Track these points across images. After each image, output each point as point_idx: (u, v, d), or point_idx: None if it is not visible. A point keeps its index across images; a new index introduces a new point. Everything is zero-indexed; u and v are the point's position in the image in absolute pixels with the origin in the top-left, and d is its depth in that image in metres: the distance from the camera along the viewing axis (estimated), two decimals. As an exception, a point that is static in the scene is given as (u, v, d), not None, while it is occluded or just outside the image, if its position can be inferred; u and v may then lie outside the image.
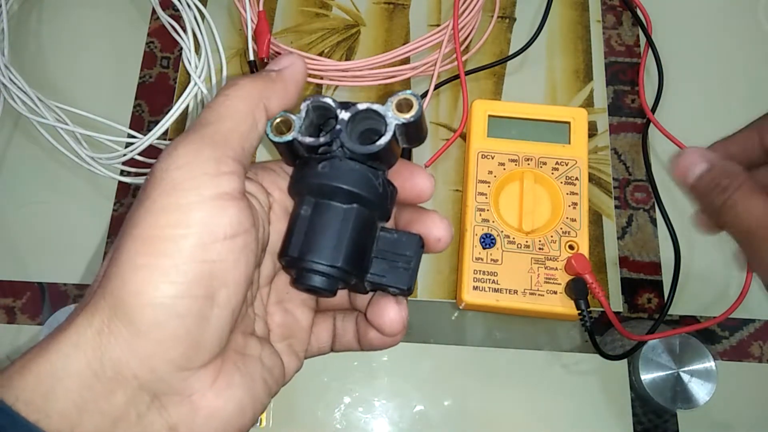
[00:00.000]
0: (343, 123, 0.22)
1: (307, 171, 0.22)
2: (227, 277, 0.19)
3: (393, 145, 0.22)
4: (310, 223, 0.22)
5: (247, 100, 0.21)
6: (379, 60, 0.48)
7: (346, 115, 0.22)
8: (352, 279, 0.22)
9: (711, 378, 0.38)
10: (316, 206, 0.22)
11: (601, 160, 0.47)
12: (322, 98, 0.23)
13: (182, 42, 0.48)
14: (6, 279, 0.45)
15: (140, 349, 0.18)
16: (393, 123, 0.22)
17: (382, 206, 0.23)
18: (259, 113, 0.21)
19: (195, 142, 0.20)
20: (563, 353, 0.42)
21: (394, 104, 0.22)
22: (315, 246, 0.21)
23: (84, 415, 0.17)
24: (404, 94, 0.22)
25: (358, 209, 0.22)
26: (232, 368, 0.21)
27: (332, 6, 0.52)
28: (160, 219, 0.18)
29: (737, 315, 0.42)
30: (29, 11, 0.53)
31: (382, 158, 0.22)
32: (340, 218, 0.22)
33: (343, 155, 0.22)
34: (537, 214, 0.41)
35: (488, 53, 0.50)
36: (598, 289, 0.38)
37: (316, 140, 0.22)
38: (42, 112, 0.46)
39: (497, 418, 0.41)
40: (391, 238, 0.23)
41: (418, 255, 0.23)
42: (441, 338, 0.43)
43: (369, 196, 0.22)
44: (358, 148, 0.22)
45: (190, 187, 0.19)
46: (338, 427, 0.40)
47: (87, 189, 0.47)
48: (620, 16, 0.52)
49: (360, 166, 0.22)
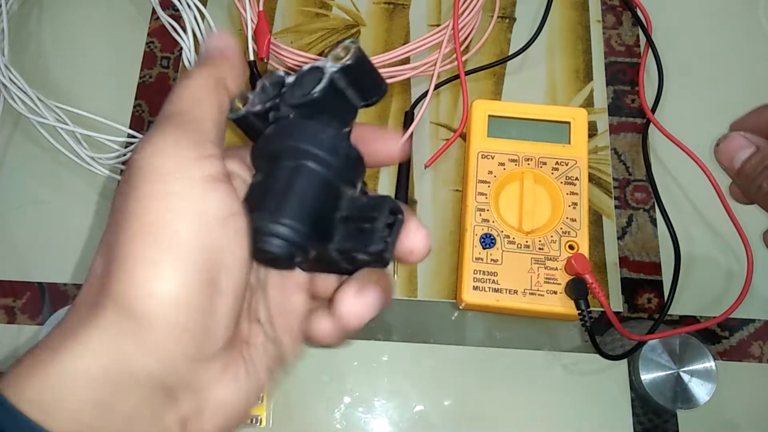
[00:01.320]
0: (289, 86, 0.22)
1: (258, 137, 0.22)
2: (227, 261, 0.19)
3: (335, 94, 0.21)
4: (260, 185, 0.21)
5: (207, 85, 0.21)
6: (379, 60, 0.48)
7: (291, 78, 0.22)
8: (309, 244, 0.20)
9: (711, 378, 0.38)
10: (266, 171, 0.21)
11: (601, 160, 0.47)
12: (276, 72, 0.22)
13: (182, 42, 0.48)
14: (6, 279, 0.45)
15: (152, 345, 0.18)
16: (330, 70, 0.21)
17: (339, 165, 0.21)
18: (222, 94, 0.21)
19: (170, 130, 0.19)
20: (563, 353, 0.42)
21: (332, 55, 0.21)
22: (262, 205, 0.20)
23: (101, 415, 0.17)
24: (342, 43, 0.21)
25: (308, 166, 0.20)
26: (238, 359, 0.21)
27: (332, 6, 0.52)
28: (150, 207, 0.18)
29: (737, 315, 0.42)
30: (29, 11, 0.53)
31: (327, 108, 0.21)
32: (287, 176, 0.20)
33: (289, 115, 0.21)
34: (537, 214, 0.41)
35: (488, 53, 0.50)
36: (598, 289, 0.38)
37: (263, 106, 0.22)
38: (42, 112, 0.46)
39: (497, 418, 0.41)
40: (360, 203, 0.21)
41: (388, 216, 0.21)
42: (441, 338, 0.43)
43: (318, 151, 0.20)
44: (297, 100, 0.21)
45: (176, 171, 0.18)
46: (338, 427, 0.40)
47: (87, 189, 0.47)
48: (620, 16, 0.52)
49: (307, 122, 0.21)
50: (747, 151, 0.26)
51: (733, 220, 0.40)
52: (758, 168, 0.25)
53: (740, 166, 0.26)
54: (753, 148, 0.26)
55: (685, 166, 0.43)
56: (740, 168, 0.26)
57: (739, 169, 0.26)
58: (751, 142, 0.26)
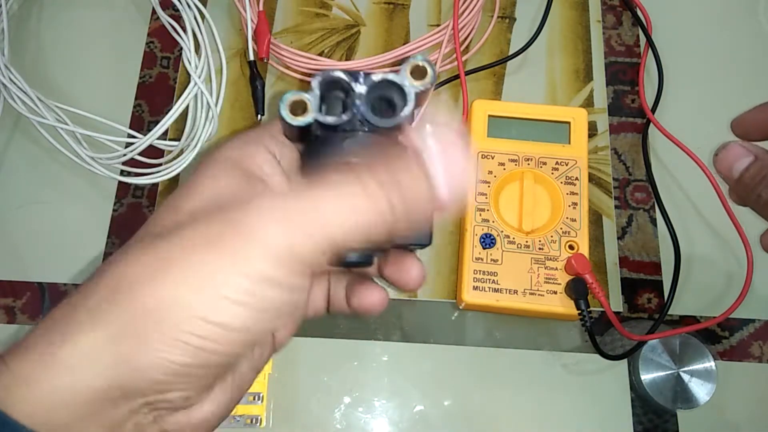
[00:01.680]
0: (361, 97, 0.21)
1: (330, 150, 0.21)
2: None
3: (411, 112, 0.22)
4: None
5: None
6: (379, 60, 0.48)
7: (363, 88, 0.21)
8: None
9: (711, 378, 0.38)
10: None
11: (601, 160, 0.47)
12: (332, 72, 0.22)
13: (182, 42, 0.48)
14: (6, 279, 0.45)
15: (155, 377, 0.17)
16: (412, 92, 0.21)
17: None
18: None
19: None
20: (563, 353, 0.42)
21: (409, 72, 0.21)
22: None
23: (83, 426, 0.17)
24: (416, 60, 0.21)
25: None
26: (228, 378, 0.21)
27: (332, 6, 0.52)
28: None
29: (737, 315, 0.42)
30: (29, 11, 0.53)
31: (402, 126, 0.22)
32: None
33: (362, 128, 0.21)
34: (537, 214, 0.41)
35: (488, 53, 0.50)
36: (598, 289, 0.38)
37: (339, 119, 0.21)
38: (42, 112, 0.46)
39: (497, 418, 0.41)
40: None
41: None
42: (441, 338, 0.43)
43: None
44: (382, 122, 0.21)
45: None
46: (338, 427, 0.40)
47: (87, 189, 0.47)
48: (620, 16, 0.52)
49: (382, 137, 0.21)
50: (745, 161, 0.26)
51: (733, 220, 0.40)
52: (757, 177, 0.25)
53: (739, 176, 0.26)
54: (751, 158, 0.26)
55: (685, 166, 0.43)
56: (739, 177, 0.26)
57: (738, 178, 0.26)
58: (750, 151, 0.26)
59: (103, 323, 0.17)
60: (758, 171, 0.25)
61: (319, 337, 0.43)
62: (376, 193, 0.17)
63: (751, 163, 0.25)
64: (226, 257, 0.17)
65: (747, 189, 0.26)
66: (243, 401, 0.40)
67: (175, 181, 0.47)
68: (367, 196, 0.17)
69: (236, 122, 0.48)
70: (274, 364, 0.41)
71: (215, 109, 0.46)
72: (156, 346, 0.17)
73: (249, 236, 0.17)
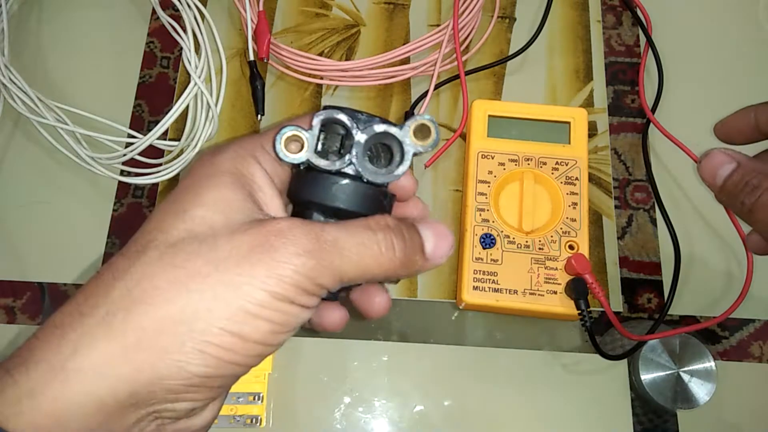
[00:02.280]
0: (359, 146, 0.21)
1: (316, 188, 0.21)
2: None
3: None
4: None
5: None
6: (379, 60, 0.48)
7: (362, 137, 0.21)
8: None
9: (711, 378, 0.38)
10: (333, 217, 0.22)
11: (601, 160, 0.47)
12: (336, 114, 0.21)
13: (182, 42, 0.48)
14: (6, 279, 0.45)
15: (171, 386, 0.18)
16: (411, 152, 0.21)
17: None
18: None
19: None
20: (563, 353, 0.42)
21: (412, 130, 0.21)
22: None
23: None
24: (422, 119, 0.21)
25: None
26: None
27: (332, 6, 0.52)
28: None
29: (737, 315, 0.42)
30: (29, 11, 0.53)
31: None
32: None
33: (353, 175, 0.21)
34: (537, 214, 0.41)
35: (488, 53, 0.50)
36: (598, 289, 0.38)
37: (331, 164, 0.21)
38: (42, 112, 0.46)
39: (497, 418, 0.41)
40: None
41: None
42: (441, 338, 0.43)
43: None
44: (375, 177, 0.21)
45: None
46: (338, 427, 0.40)
47: (87, 189, 0.47)
48: (620, 16, 0.52)
49: (372, 190, 0.21)
50: (728, 168, 0.26)
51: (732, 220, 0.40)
52: (739, 184, 0.25)
53: (722, 183, 0.26)
54: (734, 164, 0.26)
55: (685, 166, 0.43)
56: (722, 184, 0.26)
57: (722, 186, 0.26)
58: (732, 158, 0.26)
59: (120, 334, 0.17)
60: (741, 178, 0.25)
61: (319, 337, 0.43)
62: (389, 251, 0.20)
63: (734, 170, 0.26)
64: (255, 273, 0.18)
65: (730, 196, 0.26)
66: (243, 401, 0.40)
67: (175, 180, 0.47)
68: (381, 254, 0.20)
69: (236, 122, 0.48)
70: (274, 364, 0.41)
71: (215, 109, 0.46)
72: (176, 356, 0.17)
73: (279, 261, 0.18)
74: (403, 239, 0.20)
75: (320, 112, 0.22)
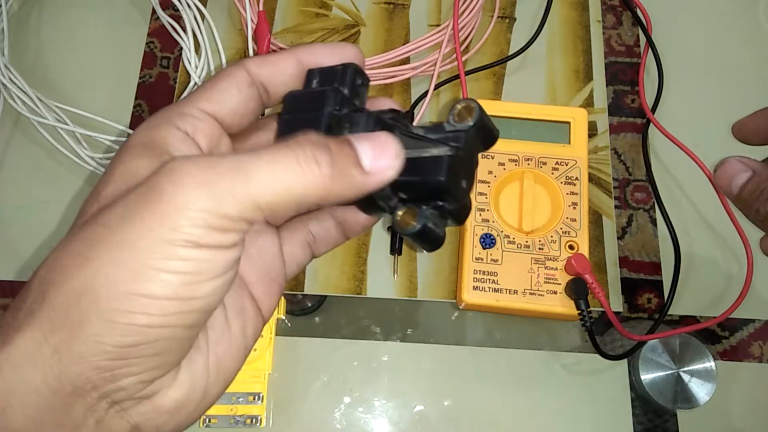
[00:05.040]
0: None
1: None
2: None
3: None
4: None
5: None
6: (379, 60, 0.48)
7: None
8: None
9: (711, 378, 0.38)
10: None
11: (601, 160, 0.47)
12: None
13: (182, 42, 0.48)
14: (6, 279, 0.45)
15: (97, 364, 0.17)
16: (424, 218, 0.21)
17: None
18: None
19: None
20: (563, 353, 0.42)
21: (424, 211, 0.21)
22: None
23: (41, 429, 0.17)
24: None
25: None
26: (194, 354, 0.19)
27: (332, 6, 0.52)
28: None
29: (737, 315, 0.42)
30: (29, 11, 0.53)
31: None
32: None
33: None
34: (537, 214, 0.41)
35: (488, 53, 0.50)
36: (598, 289, 0.38)
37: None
38: (42, 112, 0.46)
39: (497, 418, 0.41)
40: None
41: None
42: (441, 338, 0.43)
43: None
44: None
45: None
46: (338, 427, 0.40)
47: (87, 189, 0.47)
48: (620, 16, 0.52)
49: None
50: (743, 176, 0.26)
51: (733, 220, 0.40)
52: (755, 192, 0.25)
53: (738, 191, 0.26)
54: (749, 173, 0.26)
55: (685, 166, 0.43)
56: (738, 192, 0.26)
57: (737, 194, 0.26)
58: (747, 166, 0.26)
59: (38, 319, 0.17)
60: (756, 186, 0.25)
61: (319, 337, 0.43)
62: (311, 166, 0.18)
63: (749, 179, 0.26)
64: (149, 228, 0.16)
65: (746, 204, 0.26)
66: (243, 401, 0.40)
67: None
68: (301, 170, 0.18)
69: (236, 122, 0.48)
70: (274, 364, 0.41)
71: (215, 109, 0.46)
72: (90, 331, 0.16)
73: (170, 203, 0.17)
74: (328, 152, 0.18)
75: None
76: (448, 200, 0.21)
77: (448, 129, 0.21)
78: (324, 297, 0.44)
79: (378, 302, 0.43)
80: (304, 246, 0.24)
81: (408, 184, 0.20)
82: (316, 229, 0.24)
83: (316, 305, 0.44)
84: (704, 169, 0.42)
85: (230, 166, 0.17)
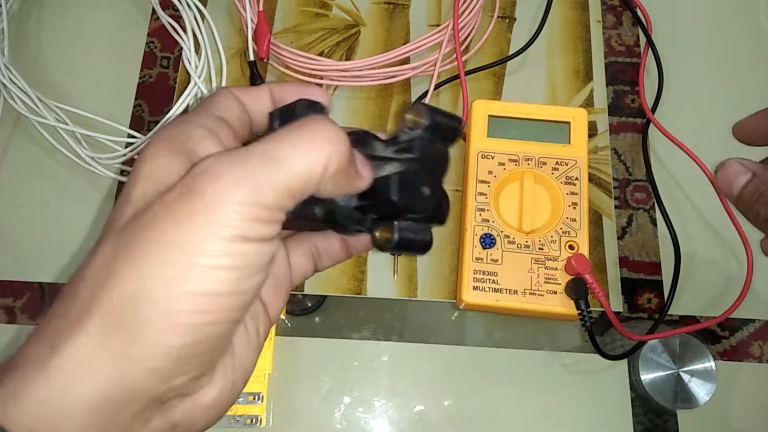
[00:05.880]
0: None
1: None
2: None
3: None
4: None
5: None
6: (379, 60, 0.48)
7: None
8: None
9: (711, 378, 0.38)
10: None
11: (601, 160, 0.47)
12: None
13: (182, 42, 0.48)
14: (6, 279, 0.45)
15: (156, 366, 0.17)
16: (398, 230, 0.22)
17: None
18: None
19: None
20: (563, 353, 0.42)
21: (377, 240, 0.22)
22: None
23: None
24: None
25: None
26: (227, 355, 0.20)
27: (332, 6, 0.52)
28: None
29: (737, 315, 0.42)
30: (29, 11, 0.53)
31: None
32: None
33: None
34: (537, 214, 0.41)
35: (488, 53, 0.50)
36: (598, 289, 0.38)
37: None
38: (42, 112, 0.46)
39: (497, 418, 0.41)
40: None
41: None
42: (441, 338, 0.43)
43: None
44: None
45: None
46: (338, 427, 0.40)
47: (87, 189, 0.47)
48: (620, 16, 0.52)
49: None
50: (744, 178, 0.26)
51: (733, 220, 0.40)
52: (755, 195, 0.26)
53: (738, 193, 0.26)
54: (749, 175, 0.26)
55: (685, 166, 0.43)
56: (738, 195, 0.26)
57: (738, 195, 0.26)
58: (747, 168, 0.26)
59: (90, 324, 0.17)
60: (756, 188, 0.26)
61: (319, 337, 0.43)
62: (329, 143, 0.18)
63: (749, 181, 0.26)
64: (196, 225, 0.17)
65: (746, 206, 0.26)
66: (243, 401, 0.40)
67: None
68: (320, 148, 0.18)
69: (236, 122, 0.48)
70: (274, 364, 0.41)
71: (215, 109, 0.46)
72: (150, 334, 0.17)
73: (214, 201, 0.17)
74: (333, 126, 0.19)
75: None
76: (412, 213, 0.21)
77: (404, 139, 0.21)
78: (324, 297, 0.44)
79: (378, 302, 0.43)
80: (308, 258, 0.25)
81: (370, 207, 0.21)
82: (322, 244, 0.25)
83: (316, 305, 0.44)
84: (704, 169, 0.42)
85: (261, 156, 0.17)
